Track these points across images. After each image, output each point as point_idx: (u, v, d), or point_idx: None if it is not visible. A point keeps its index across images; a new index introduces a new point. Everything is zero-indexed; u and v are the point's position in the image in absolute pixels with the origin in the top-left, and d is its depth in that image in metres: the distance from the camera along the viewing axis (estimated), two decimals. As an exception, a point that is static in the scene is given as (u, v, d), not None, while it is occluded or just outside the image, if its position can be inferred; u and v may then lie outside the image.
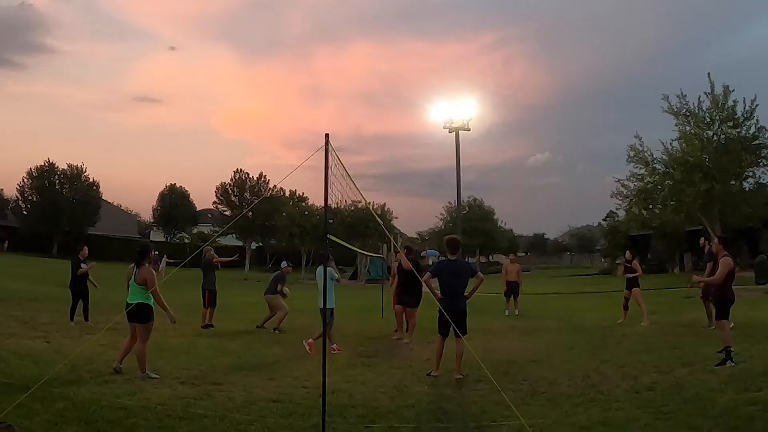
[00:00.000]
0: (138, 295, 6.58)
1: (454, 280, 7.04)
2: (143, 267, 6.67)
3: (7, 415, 4.44)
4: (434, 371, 7.04)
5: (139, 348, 6.52)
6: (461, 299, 7.05)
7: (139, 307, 6.50)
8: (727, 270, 7.15)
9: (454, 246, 7.35)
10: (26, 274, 22.50)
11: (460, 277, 7.10)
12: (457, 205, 27.99)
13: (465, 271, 7.25)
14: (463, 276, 7.15)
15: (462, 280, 7.13)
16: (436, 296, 7.22)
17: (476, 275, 7.28)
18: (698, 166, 22.09)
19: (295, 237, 40.86)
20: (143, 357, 6.50)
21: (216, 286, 11.58)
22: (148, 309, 6.58)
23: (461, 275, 7.14)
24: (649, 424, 4.77)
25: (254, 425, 4.77)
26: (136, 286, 6.60)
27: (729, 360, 6.79)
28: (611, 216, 47.01)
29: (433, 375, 6.97)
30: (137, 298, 6.57)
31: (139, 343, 6.53)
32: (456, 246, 7.38)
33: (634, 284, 11.85)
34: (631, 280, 11.94)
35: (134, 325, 6.58)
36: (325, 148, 4.98)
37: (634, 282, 11.87)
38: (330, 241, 7.66)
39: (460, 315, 6.86)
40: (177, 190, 59.99)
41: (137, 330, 6.57)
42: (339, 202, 7.04)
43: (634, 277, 11.89)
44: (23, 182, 46.66)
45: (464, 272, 7.21)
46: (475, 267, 7.26)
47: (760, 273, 19.14)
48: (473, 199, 59.07)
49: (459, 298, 7.02)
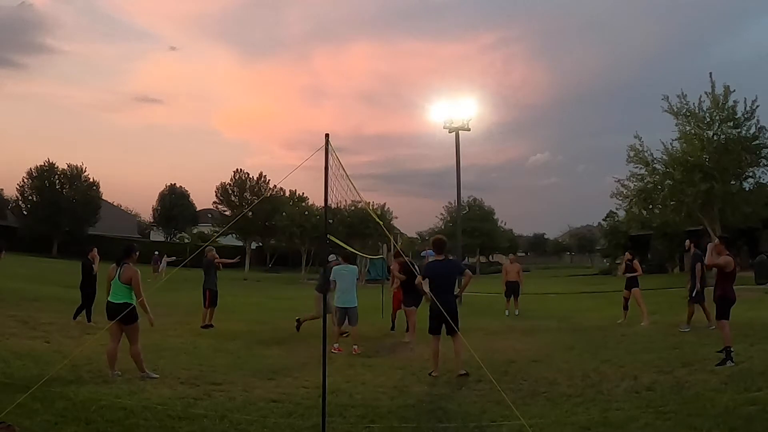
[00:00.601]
0: (122, 295, 6.45)
1: (441, 280, 7.18)
2: (127, 266, 6.55)
3: (7, 415, 4.44)
4: (434, 371, 7.06)
5: (132, 350, 6.46)
6: (450, 297, 7.17)
7: (124, 307, 6.38)
8: (721, 257, 7.21)
9: (439, 246, 7.54)
10: (26, 274, 22.49)
11: (448, 276, 7.28)
12: (457, 205, 27.89)
13: (453, 269, 7.40)
14: (451, 275, 7.33)
15: (450, 279, 7.30)
16: (428, 297, 7.29)
17: (464, 273, 7.45)
18: (698, 166, 22.07)
19: (295, 237, 40.89)
20: (139, 357, 6.47)
21: (217, 287, 11.60)
22: (133, 309, 6.44)
23: (449, 274, 7.31)
24: (649, 424, 4.77)
25: (254, 425, 4.76)
26: (120, 285, 6.46)
27: (729, 360, 6.79)
28: (611, 216, 47.04)
29: (433, 375, 6.99)
30: (122, 297, 6.44)
31: (132, 345, 6.46)
32: (441, 246, 7.55)
33: (634, 284, 11.85)
34: (630, 279, 11.95)
35: (117, 326, 6.42)
36: (325, 148, 4.98)
37: (634, 282, 11.88)
38: (330, 241, 7.65)
39: (449, 313, 6.88)
40: (177, 190, 60.04)
41: (127, 333, 6.46)
42: (339, 202, 7.05)
43: (634, 277, 11.90)
44: (23, 182, 46.76)
45: (452, 271, 7.37)
46: (465, 265, 7.43)
47: (760, 273, 19.15)
48: (473, 199, 59.20)
49: (448, 297, 7.10)
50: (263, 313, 11.68)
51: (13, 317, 10.39)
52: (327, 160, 4.97)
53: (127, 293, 6.47)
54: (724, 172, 21.99)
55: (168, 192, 59.54)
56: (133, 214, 67.39)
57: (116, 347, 6.47)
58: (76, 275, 11.57)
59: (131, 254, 6.71)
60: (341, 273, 9.33)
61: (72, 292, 16.03)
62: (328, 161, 4.97)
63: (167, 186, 60.32)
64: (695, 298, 10.39)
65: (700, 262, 10.28)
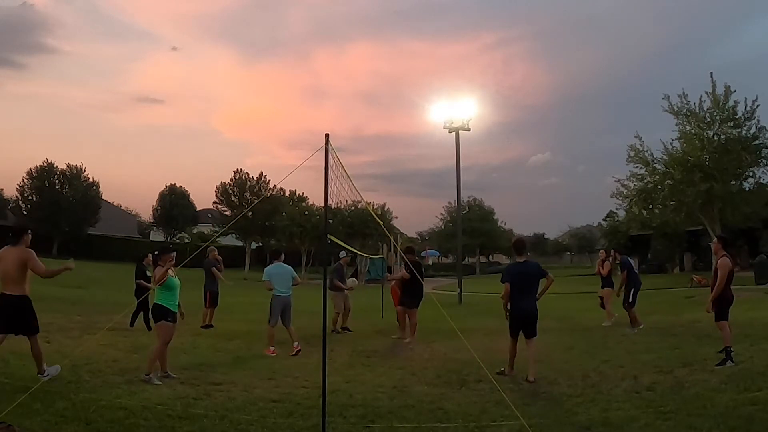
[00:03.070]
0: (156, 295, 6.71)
1: (523, 283, 6.94)
2: (158, 267, 6.87)
3: (7, 415, 4.44)
4: (507, 370, 6.92)
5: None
6: (532, 300, 6.95)
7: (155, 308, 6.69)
8: (726, 272, 7.13)
9: (520, 247, 7.28)
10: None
11: (530, 279, 6.99)
12: (457, 205, 27.86)
13: (535, 272, 7.06)
14: (533, 277, 7.01)
15: (532, 282, 7.00)
16: (505, 305, 7.07)
17: (546, 276, 7.06)
18: (698, 166, 22.09)
19: (295, 237, 40.88)
20: (154, 357, 6.62)
21: (218, 287, 11.61)
22: (157, 308, 6.64)
23: (531, 277, 7.01)
24: (649, 424, 4.76)
25: (254, 425, 4.76)
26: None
27: (729, 360, 6.78)
28: (611, 216, 47.09)
29: (506, 374, 6.85)
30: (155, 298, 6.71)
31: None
32: (522, 247, 7.31)
33: (608, 284, 12.05)
34: (604, 279, 12.12)
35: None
36: (325, 148, 4.98)
37: (608, 282, 12.07)
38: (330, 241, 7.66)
39: (530, 316, 6.84)
40: (177, 190, 59.94)
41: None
42: (339, 202, 7.04)
43: (608, 277, 12.09)
44: (23, 182, 46.68)
45: (534, 273, 7.04)
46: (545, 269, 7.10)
47: (760, 273, 19.14)
48: (473, 199, 59.27)
49: (530, 300, 6.93)
50: (263, 313, 11.63)
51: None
52: (327, 160, 4.97)
53: (157, 294, 6.67)
54: (724, 172, 22.01)
55: (168, 192, 59.44)
56: (133, 214, 67.34)
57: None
58: (76, 275, 11.56)
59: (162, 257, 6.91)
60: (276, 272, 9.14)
61: (71, 292, 16.04)
62: (328, 161, 4.98)
63: (167, 186, 60.22)
64: (623, 302, 10.96)
65: (626, 269, 11.13)
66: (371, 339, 10.37)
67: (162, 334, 6.56)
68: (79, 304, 13.70)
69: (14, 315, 5.84)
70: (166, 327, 6.58)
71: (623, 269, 11.23)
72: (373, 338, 10.47)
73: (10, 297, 5.81)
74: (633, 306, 10.89)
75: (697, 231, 24.50)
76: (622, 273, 11.16)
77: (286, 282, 9.00)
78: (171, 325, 6.64)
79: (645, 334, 10.08)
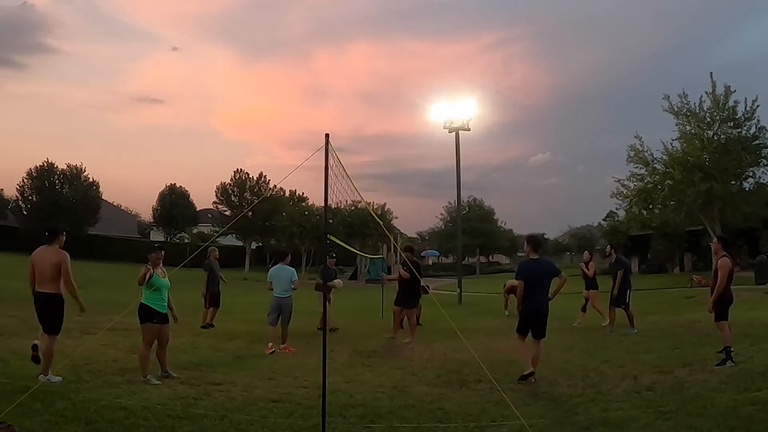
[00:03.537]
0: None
1: (536, 281, 6.78)
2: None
3: (7, 415, 4.44)
4: (528, 371, 6.67)
5: (158, 351, 6.61)
6: (544, 299, 6.81)
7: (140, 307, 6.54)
8: (726, 273, 7.12)
9: (535, 244, 7.12)
10: (26, 274, 22.43)
11: (543, 277, 6.82)
12: (457, 205, 27.87)
13: (549, 270, 6.90)
14: (546, 275, 6.86)
15: (545, 280, 6.84)
16: (520, 301, 6.95)
17: (560, 275, 6.96)
18: (698, 166, 22.07)
19: (295, 237, 40.88)
20: (165, 356, 6.62)
21: (220, 288, 11.61)
22: (141, 308, 6.49)
23: (545, 275, 6.84)
24: (649, 424, 4.76)
25: (254, 425, 4.76)
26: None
27: (729, 360, 6.78)
28: (611, 216, 47.03)
29: (533, 376, 6.60)
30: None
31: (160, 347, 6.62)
32: (537, 244, 7.16)
33: (593, 286, 12.00)
34: (589, 281, 12.06)
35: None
36: (325, 148, 4.97)
37: (593, 284, 12.01)
38: (330, 241, 7.66)
39: (543, 316, 6.75)
40: (177, 190, 59.93)
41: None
42: (339, 202, 7.03)
43: (593, 279, 12.03)
44: (23, 182, 46.60)
45: (548, 272, 6.88)
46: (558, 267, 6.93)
47: (760, 273, 19.15)
48: (473, 199, 59.22)
49: (542, 298, 6.80)
50: (263, 313, 11.64)
51: (13, 317, 10.39)
52: (327, 160, 4.97)
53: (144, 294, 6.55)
54: (724, 172, 21.99)
55: (168, 192, 59.43)
56: (133, 214, 67.26)
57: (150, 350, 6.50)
58: (76, 275, 11.49)
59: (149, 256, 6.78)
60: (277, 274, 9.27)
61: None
62: (328, 161, 4.97)
63: (167, 186, 60.22)
64: (617, 302, 10.76)
65: (623, 269, 10.80)
66: (371, 339, 10.37)
67: (145, 335, 6.40)
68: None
69: (43, 311, 6.06)
70: (150, 328, 6.38)
71: (621, 268, 10.84)
72: (373, 338, 10.47)
73: (43, 294, 6.04)
74: (629, 306, 10.75)
75: (697, 231, 24.48)
76: (620, 272, 10.80)
77: (284, 284, 9.14)
78: (156, 327, 6.42)
79: (645, 334, 10.08)
